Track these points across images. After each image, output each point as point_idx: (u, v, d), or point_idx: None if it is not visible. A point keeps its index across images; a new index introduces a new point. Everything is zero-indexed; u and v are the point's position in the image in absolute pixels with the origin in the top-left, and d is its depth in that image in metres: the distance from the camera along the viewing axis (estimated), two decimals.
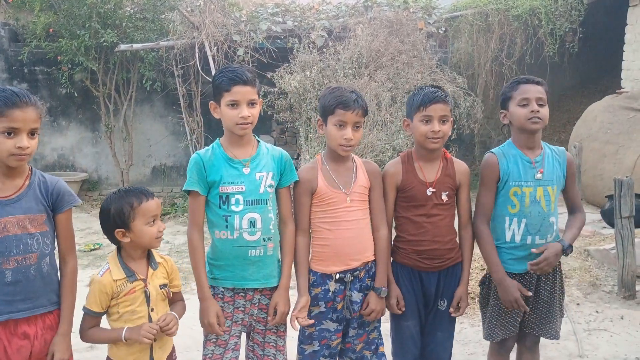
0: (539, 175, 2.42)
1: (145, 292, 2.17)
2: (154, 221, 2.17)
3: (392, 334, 2.57)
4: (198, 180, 2.27)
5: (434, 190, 2.43)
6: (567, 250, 2.44)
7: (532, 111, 2.39)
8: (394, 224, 2.57)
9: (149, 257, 2.24)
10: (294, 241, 2.38)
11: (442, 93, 2.42)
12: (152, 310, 2.18)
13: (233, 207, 2.25)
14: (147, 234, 2.15)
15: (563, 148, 2.57)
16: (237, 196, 2.25)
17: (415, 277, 2.48)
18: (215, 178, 2.26)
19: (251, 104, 2.25)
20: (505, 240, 2.49)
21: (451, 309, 2.49)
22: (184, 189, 2.31)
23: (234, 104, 2.23)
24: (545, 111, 2.42)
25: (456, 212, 2.55)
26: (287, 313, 2.36)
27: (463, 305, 2.50)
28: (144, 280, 2.18)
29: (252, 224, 2.26)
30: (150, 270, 2.21)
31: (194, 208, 2.30)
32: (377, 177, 2.47)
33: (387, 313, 2.54)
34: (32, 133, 1.96)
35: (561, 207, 2.55)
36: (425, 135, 2.40)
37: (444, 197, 2.45)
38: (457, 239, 2.56)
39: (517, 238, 2.46)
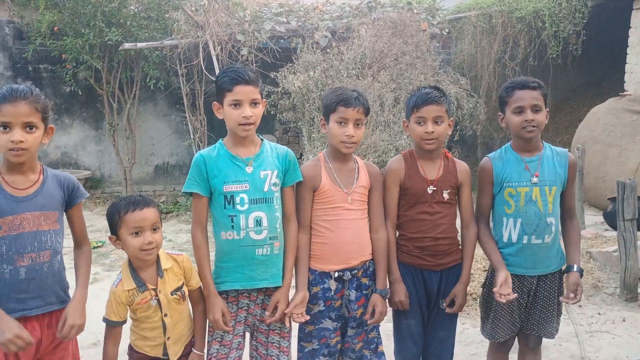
0: (535, 180, 2.42)
1: (157, 301, 2.20)
2: (138, 233, 2.14)
3: (394, 332, 2.57)
4: (199, 182, 2.26)
5: (435, 188, 2.45)
6: (580, 273, 2.46)
7: (526, 120, 2.39)
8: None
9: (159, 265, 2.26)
10: (297, 239, 2.38)
11: (436, 94, 2.42)
12: (166, 315, 2.21)
13: (238, 207, 2.24)
14: (130, 245, 2.14)
15: (566, 150, 2.56)
16: (241, 195, 2.24)
17: (418, 276, 2.49)
18: (218, 176, 2.25)
19: (254, 103, 2.25)
20: (503, 241, 2.50)
21: (445, 304, 2.48)
22: (183, 190, 2.31)
23: (237, 104, 2.22)
24: (540, 117, 2.41)
25: (458, 211, 2.56)
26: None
27: (458, 303, 2.48)
28: (155, 289, 2.20)
29: (258, 222, 2.26)
30: (161, 280, 2.22)
31: (197, 208, 2.29)
32: (377, 179, 2.47)
33: (390, 313, 2.55)
34: (29, 127, 1.95)
35: None
36: (420, 136, 2.43)
37: (446, 195, 2.46)
38: (459, 239, 2.56)
39: (514, 238, 2.46)
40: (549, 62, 8.50)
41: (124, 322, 2.23)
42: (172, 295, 2.22)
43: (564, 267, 2.52)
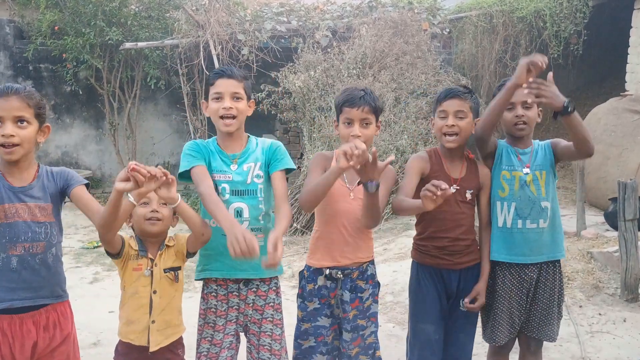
0: (526, 170, 2.45)
1: (151, 272, 2.22)
2: (145, 203, 2.21)
3: (410, 338, 2.52)
4: (198, 157, 2.25)
5: (458, 187, 2.43)
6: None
7: (517, 116, 2.41)
8: (414, 222, 2.57)
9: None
10: (290, 215, 2.27)
11: (461, 89, 2.44)
12: (155, 292, 2.23)
13: (221, 196, 2.26)
14: (137, 213, 2.22)
15: (549, 141, 2.58)
16: (223, 185, 2.27)
17: (437, 277, 2.46)
18: (207, 163, 2.28)
19: (235, 97, 2.27)
20: (498, 226, 2.50)
21: (466, 301, 2.43)
22: (186, 168, 2.22)
23: (218, 97, 2.26)
24: (531, 113, 2.42)
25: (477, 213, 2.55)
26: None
27: (480, 301, 2.45)
28: (152, 261, 2.24)
29: (239, 213, 2.27)
30: (159, 252, 2.26)
31: (199, 172, 2.20)
32: (384, 174, 2.45)
33: (406, 316, 2.52)
34: (20, 121, 1.95)
35: (564, 210, 2.53)
36: (441, 130, 2.43)
37: (468, 195, 2.46)
38: (477, 240, 2.55)
39: (509, 222, 2.46)
40: (550, 62, 8.40)
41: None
42: (165, 272, 2.25)
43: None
